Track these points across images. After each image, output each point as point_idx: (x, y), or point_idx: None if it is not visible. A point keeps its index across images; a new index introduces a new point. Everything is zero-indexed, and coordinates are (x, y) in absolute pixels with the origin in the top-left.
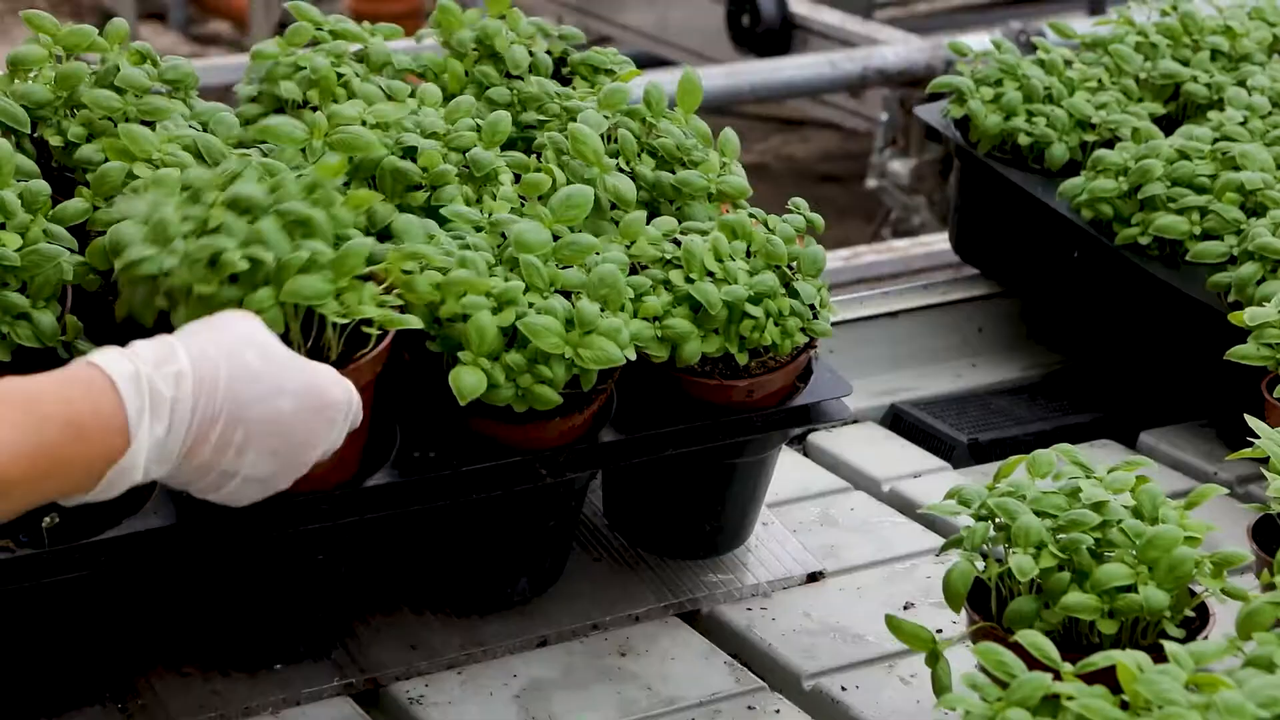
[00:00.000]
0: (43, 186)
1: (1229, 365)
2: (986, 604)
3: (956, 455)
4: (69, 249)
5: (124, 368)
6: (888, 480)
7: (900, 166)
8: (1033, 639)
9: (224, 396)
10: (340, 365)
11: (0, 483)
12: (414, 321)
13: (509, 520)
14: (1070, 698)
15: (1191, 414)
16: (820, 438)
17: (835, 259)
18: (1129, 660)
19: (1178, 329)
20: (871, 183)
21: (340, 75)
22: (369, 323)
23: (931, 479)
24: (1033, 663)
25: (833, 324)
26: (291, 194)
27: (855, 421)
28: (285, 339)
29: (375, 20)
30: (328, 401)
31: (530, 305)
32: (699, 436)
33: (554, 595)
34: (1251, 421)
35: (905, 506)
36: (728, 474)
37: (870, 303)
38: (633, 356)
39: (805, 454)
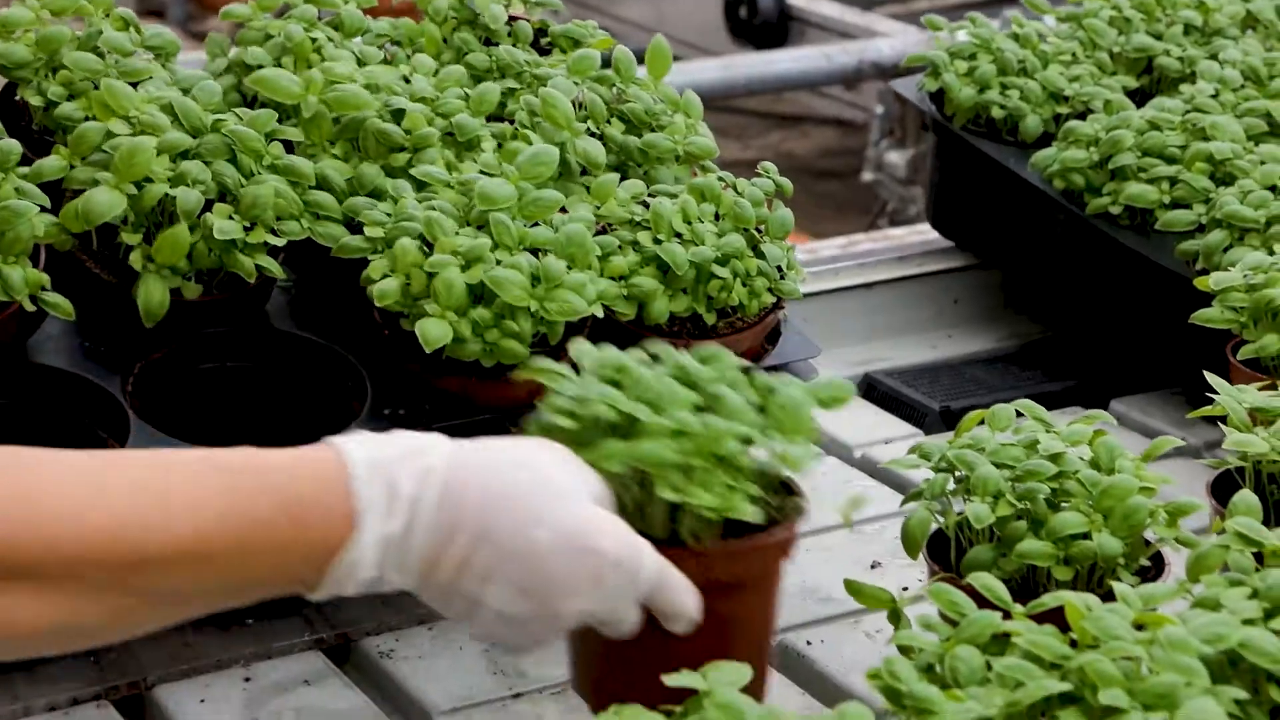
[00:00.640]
0: (13, 145)
1: (1198, 332)
2: (946, 555)
3: (929, 423)
4: (41, 207)
5: (363, 453)
6: (859, 446)
7: (897, 157)
8: (984, 581)
9: (474, 507)
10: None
11: (201, 547)
12: None
13: None
14: (1019, 635)
15: (1163, 382)
16: None
17: (832, 247)
18: (1077, 600)
19: (1148, 297)
20: (868, 176)
21: (314, 40)
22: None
23: (902, 445)
24: (986, 606)
25: (809, 295)
26: None
27: None
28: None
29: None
30: (592, 548)
31: (498, 262)
32: None
33: None
34: (1211, 379)
35: (876, 471)
36: None
37: (846, 274)
38: (599, 313)
39: None
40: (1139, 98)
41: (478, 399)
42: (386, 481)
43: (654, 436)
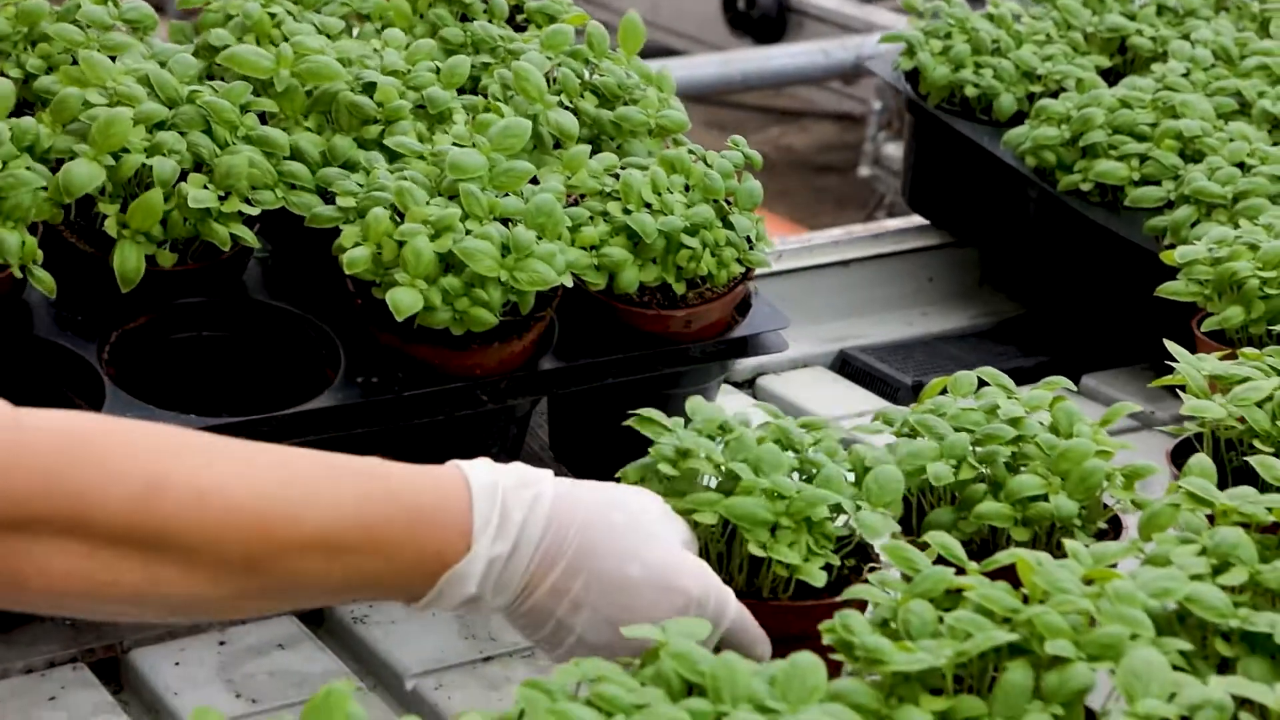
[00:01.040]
0: (31, 124)
1: (1166, 307)
2: (910, 520)
3: (901, 397)
4: (43, 186)
5: (483, 476)
6: (832, 419)
7: (895, 150)
8: (939, 539)
9: (575, 539)
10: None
11: (333, 540)
12: None
13: (452, 446)
14: (971, 589)
15: (1134, 357)
16: (768, 380)
17: (828, 238)
18: (1029, 556)
19: (1119, 273)
20: (864, 170)
21: (273, 16)
22: None
23: None
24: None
25: (786, 272)
26: None
27: (805, 366)
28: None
29: None
30: (679, 587)
31: (468, 232)
32: (638, 365)
33: None
34: (1171, 346)
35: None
36: (667, 405)
37: (821, 251)
38: (569, 283)
39: (755, 397)
40: (1112, 78)
41: (449, 368)
42: (501, 506)
43: (750, 494)
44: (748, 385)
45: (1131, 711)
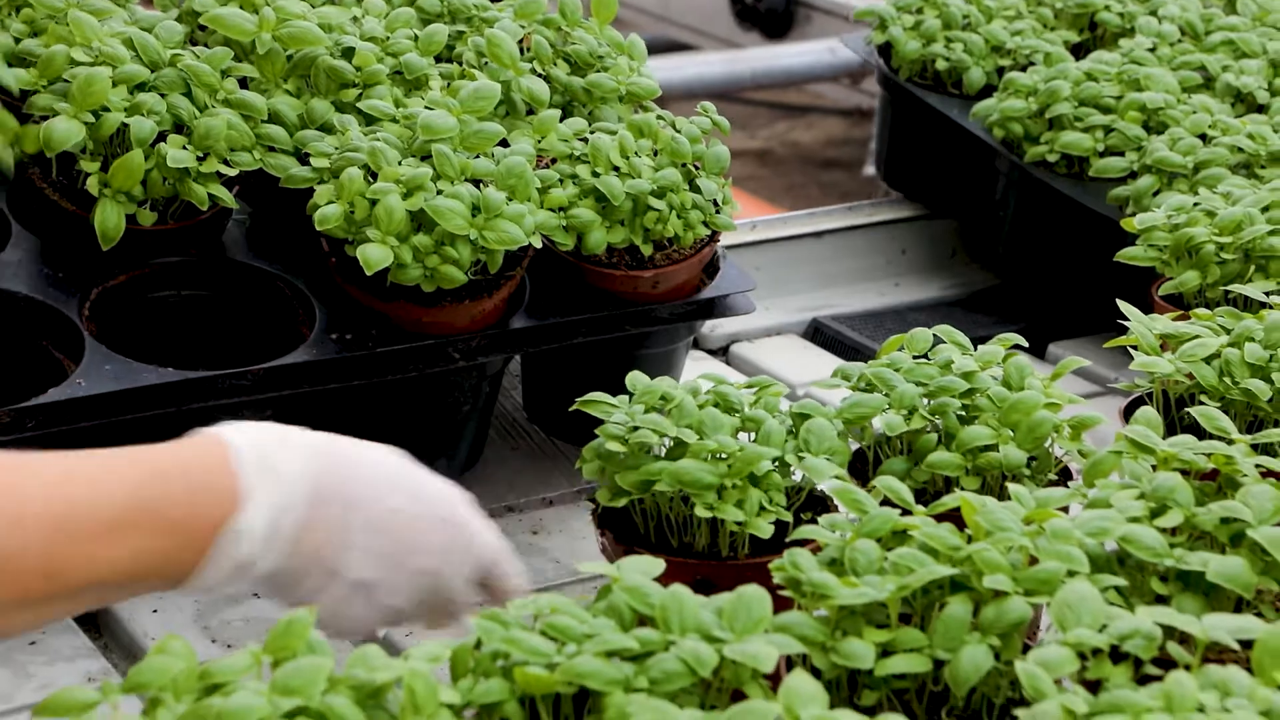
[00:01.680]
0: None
1: (1130, 275)
2: (866, 472)
3: None
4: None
5: (242, 437)
6: (802, 385)
7: None
8: (888, 483)
9: (339, 482)
10: None
11: (102, 517)
12: None
13: (426, 403)
14: (916, 529)
15: (1101, 325)
16: (741, 348)
17: (804, 210)
18: (973, 498)
19: (1085, 242)
20: (870, 170)
21: None
22: None
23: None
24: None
25: (761, 242)
26: None
27: (778, 334)
28: None
29: None
30: (443, 516)
31: (439, 192)
32: (607, 325)
33: (471, 479)
34: (1124, 307)
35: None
36: (638, 366)
37: (796, 223)
38: (537, 243)
39: (728, 364)
40: (1081, 53)
41: (421, 325)
42: (265, 460)
43: (696, 458)
44: (722, 353)
45: (1064, 640)
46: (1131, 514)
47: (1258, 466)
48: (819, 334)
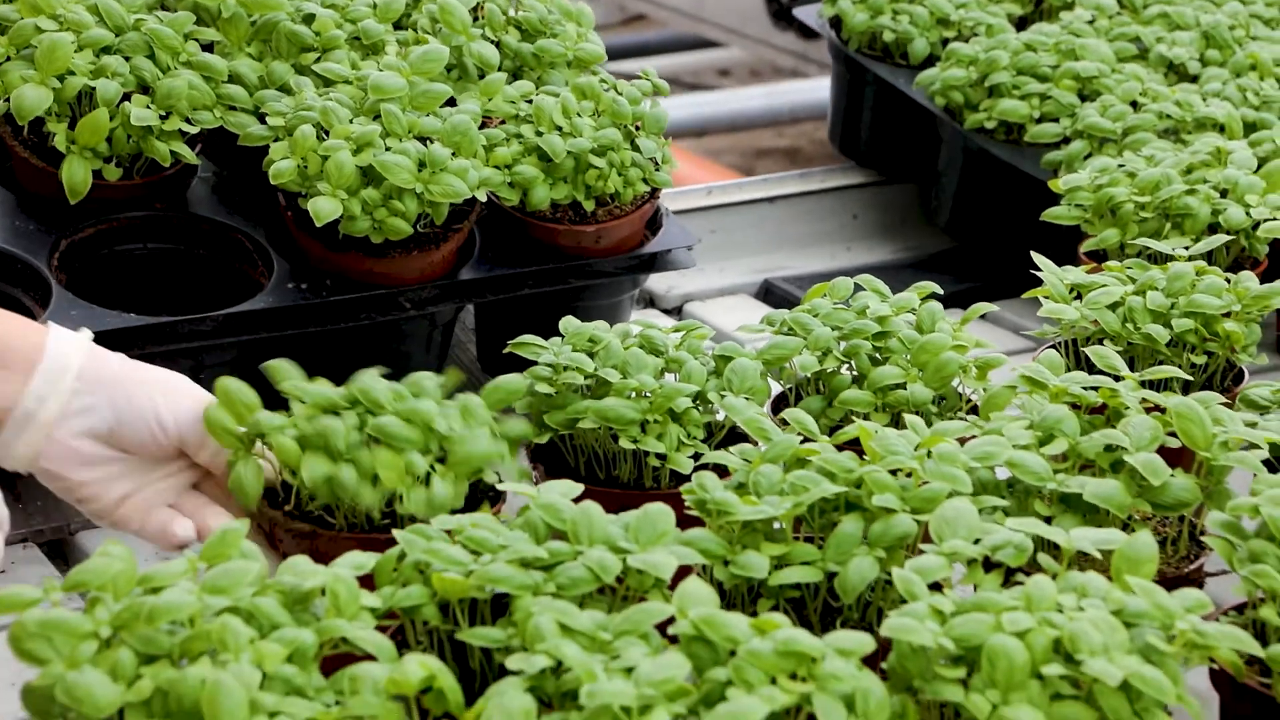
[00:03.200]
0: None
1: (1065, 235)
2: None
3: None
4: None
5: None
6: (749, 341)
7: None
8: (794, 414)
9: (110, 376)
10: None
11: None
12: None
13: (380, 351)
14: (815, 454)
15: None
16: (694, 307)
17: (758, 177)
18: (870, 427)
19: (1023, 205)
20: None
21: None
22: None
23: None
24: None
25: (715, 207)
26: None
27: (731, 295)
28: None
29: None
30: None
31: (387, 148)
32: (552, 277)
33: None
34: (1037, 257)
35: None
36: (584, 318)
37: (750, 188)
38: (481, 197)
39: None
40: (1026, 26)
41: (371, 274)
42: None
43: (619, 396)
44: (676, 312)
45: (939, 550)
46: (1020, 442)
47: (1143, 401)
48: (770, 294)
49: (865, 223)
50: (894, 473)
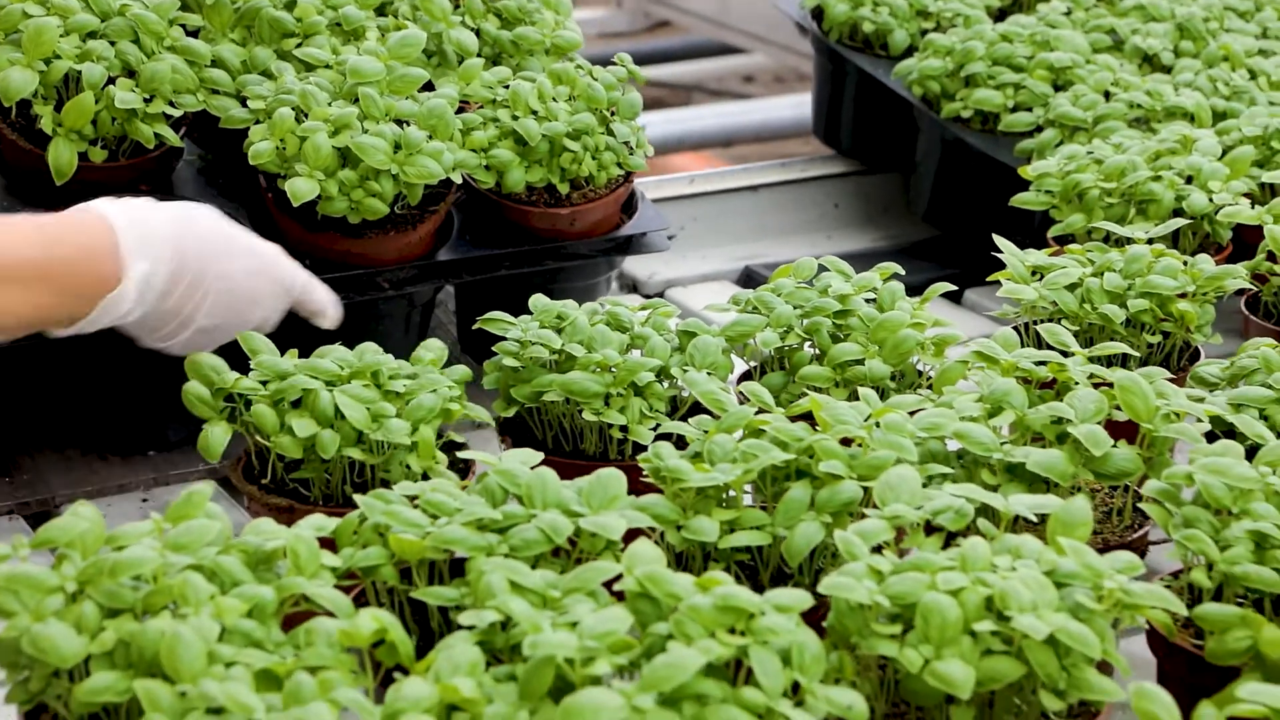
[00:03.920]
0: None
1: (1037, 222)
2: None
3: None
4: None
5: (117, 212)
6: (717, 320)
7: None
8: (751, 387)
9: (195, 253)
10: None
11: (16, 276)
12: None
13: (359, 329)
14: (767, 424)
15: None
16: (676, 292)
17: (740, 166)
18: (822, 399)
19: (999, 193)
20: None
21: None
22: None
23: None
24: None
25: (698, 195)
26: None
27: (712, 281)
28: None
29: None
30: (267, 269)
31: (364, 130)
32: (528, 259)
33: None
34: (998, 240)
35: None
36: (561, 299)
37: (732, 177)
38: (457, 179)
39: None
40: (1006, 18)
41: (349, 256)
42: (139, 237)
43: (584, 370)
44: (658, 297)
45: (881, 514)
46: (969, 414)
47: (1091, 377)
48: (751, 280)
49: (847, 211)
50: (848, 444)
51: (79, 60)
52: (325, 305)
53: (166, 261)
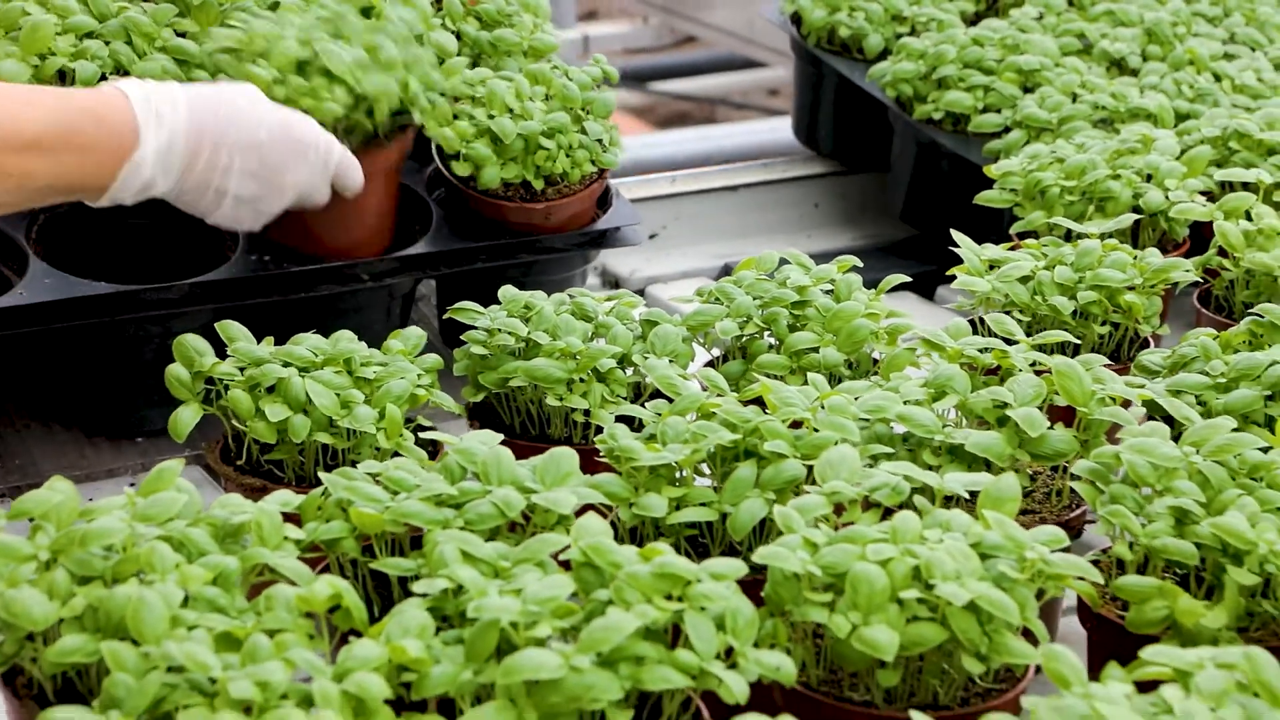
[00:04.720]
0: None
1: (1006, 221)
2: None
3: None
4: None
5: (135, 87)
6: (681, 310)
7: None
8: (705, 373)
9: (213, 121)
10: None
11: (34, 141)
12: None
13: (338, 320)
14: (717, 407)
15: None
16: (656, 288)
17: (720, 166)
18: (770, 382)
19: (970, 192)
20: None
21: None
22: None
23: None
24: None
25: (678, 194)
26: None
27: (692, 277)
28: None
29: None
30: (296, 136)
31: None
32: (504, 252)
33: None
34: (955, 234)
35: None
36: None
37: (713, 177)
38: (417, 116)
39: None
40: (979, 23)
41: (318, 224)
42: (155, 107)
43: (548, 357)
44: (639, 293)
45: (820, 491)
46: (913, 398)
47: (1033, 364)
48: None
49: (827, 211)
50: (798, 426)
51: (73, 59)
52: (359, 179)
53: (183, 130)
